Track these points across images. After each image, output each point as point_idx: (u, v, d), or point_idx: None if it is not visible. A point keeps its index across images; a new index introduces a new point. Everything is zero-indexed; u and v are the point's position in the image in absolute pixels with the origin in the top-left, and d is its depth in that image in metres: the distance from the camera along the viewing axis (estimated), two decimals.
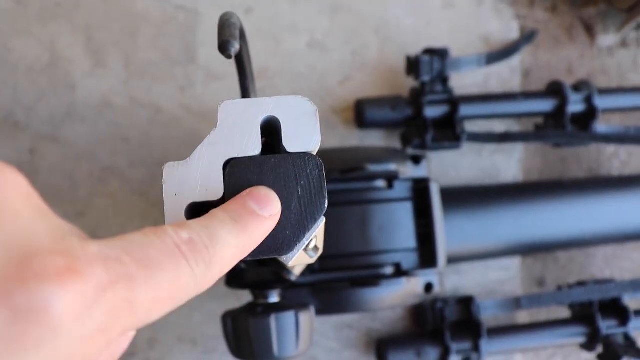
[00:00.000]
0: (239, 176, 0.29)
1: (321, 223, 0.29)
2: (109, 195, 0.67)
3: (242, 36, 0.35)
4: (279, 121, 0.29)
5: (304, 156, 0.29)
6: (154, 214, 0.67)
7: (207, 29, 0.69)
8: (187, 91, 0.69)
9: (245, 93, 0.41)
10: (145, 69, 0.69)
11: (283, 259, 0.29)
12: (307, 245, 0.29)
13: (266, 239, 0.28)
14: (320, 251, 0.33)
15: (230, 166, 0.29)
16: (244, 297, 0.68)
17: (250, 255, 0.28)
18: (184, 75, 0.69)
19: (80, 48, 0.68)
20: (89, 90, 0.68)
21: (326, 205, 0.29)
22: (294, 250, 0.28)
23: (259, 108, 0.30)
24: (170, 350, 0.67)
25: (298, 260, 0.30)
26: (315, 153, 0.29)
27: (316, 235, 0.30)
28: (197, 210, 0.30)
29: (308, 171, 0.29)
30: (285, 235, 0.28)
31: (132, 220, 0.67)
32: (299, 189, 0.29)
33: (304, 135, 0.29)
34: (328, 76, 0.71)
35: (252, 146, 0.29)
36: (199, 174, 0.29)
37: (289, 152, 0.29)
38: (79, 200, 0.67)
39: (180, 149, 0.68)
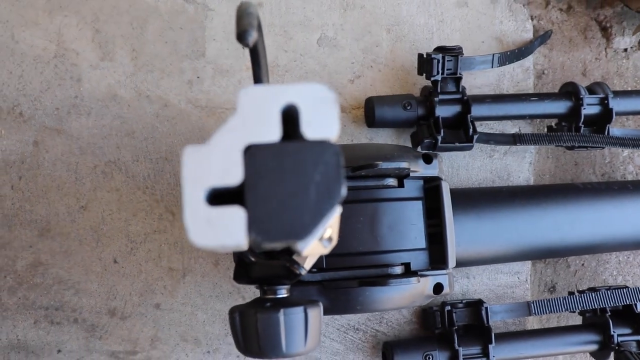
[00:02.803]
0: (258, 162, 0.29)
1: (337, 211, 0.28)
2: (113, 190, 0.66)
3: (259, 26, 0.35)
4: (298, 108, 0.29)
5: (322, 143, 0.29)
6: (159, 210, 0.66)
7: (217, 24, 0.68)
8: (194, 86, 0.68)
9: (258, 83, 0.40)
10: (153, 62, 0.68)
11: (298, 246, 0.28)
12: (322, 235, 0.28)
13: (282, 224, 0.28)
14: (334, 242, 0.32)
15: (250, 151, 0.29)
16: (248, 296, 0.67)
17: (267, 239, 0.27)
18: (192, 69, 0.68)
19: (87, 40, 0.67)
20: (96, 82, 0.67)
21: (343, 192, 0.28)
22: (310, 237, 0.28)
23: (279, 95, 0.29)
24: (172, 349, 0.66)
25: (312, 250, 0.29)
26: (333, 141, 0.29)
27: (331, 225, 0.29)
28: (216, 195, 0.29)
29: (326, 158, 0.29)
30: (302, 221, 0.28)
31: (137, 215, 0.66)
32: (317, 176, 0.29)
33: (322, 123, 0.29)
34: (338, 73, 0.70)
35: (272, 132, 0.29)
36: (218, 159, 0.29)
37: (308, 139, 0.29)
38: (82, 194, 0.66)
39: (186, 143, 0.66)
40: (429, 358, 0.63)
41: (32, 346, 0.64)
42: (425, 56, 0.66)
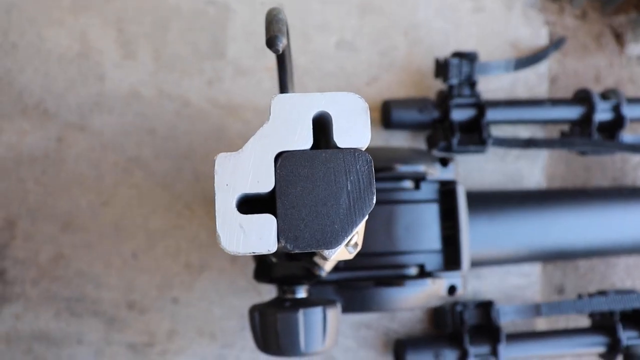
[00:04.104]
0: (289, 169, 0.29)
1: (365, 218, 0.29)
2: (134, 186, 0.68)
3: (287, 32, 0.36)
4: (330, 116, 0.30)
5: (354, 152, 0.30)
6: (178, 207, 0.68)
7: (237, 25, 0.70)
8: (215, 85, 0.69)
9: (283, 89, 0.41)
10: (175, 62, 0.69)
11: (325, 253, 0.29)
12: (349, 241, 0.29)
13: (314, 232, 0.29)
14: (359, 248, 0.33)
15: (282, 159, 0.29)
16: (264, 292, 0.68)
17: (298, 247, 0.28)
18: (213, 69, 0.69)
19: (110, 39, 0.69)
20: (118, 81, 0.68)
21: (374, 202, 0.29)
22: (339, 245, 0.29)
23: (311, 103, 0.30)
24: (189, 343, 0.67)
25: (337, 255, 0.30)
26: (364, 149, 0.30)
27: (358, 232, 0.30)
28: (247, 201, 0.30)
29: (358, 167, 0.29)
30: (333, 229, 0.29)
31: (156, 211, 0.68)
32: (349, 184, 0.29)
33: (354, 132, 0.30)
34: (356, 76, 0.71)
35: (304, 140, 0.30)
36: (250, 166, 0.29)
37: (340, 148, 0.30)
38: (103, 190, 0.67)
39: (206, 142, 0.68)
40: (440, 356, 0.64)
41: (54, 337, 0.66)
42: (442, 60, 0.67)
